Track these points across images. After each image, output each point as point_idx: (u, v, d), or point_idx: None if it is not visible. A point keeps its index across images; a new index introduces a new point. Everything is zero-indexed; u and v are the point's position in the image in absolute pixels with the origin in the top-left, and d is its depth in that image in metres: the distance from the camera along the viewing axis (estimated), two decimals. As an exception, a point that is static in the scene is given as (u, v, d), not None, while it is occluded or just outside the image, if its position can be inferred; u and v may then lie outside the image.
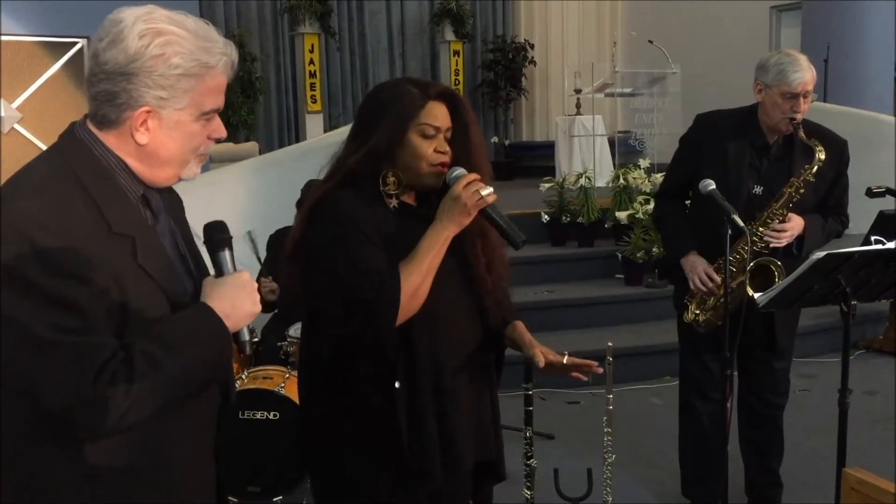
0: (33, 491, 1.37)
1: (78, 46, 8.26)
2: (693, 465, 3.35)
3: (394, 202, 1.89)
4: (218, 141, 1.50)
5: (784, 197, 2.89)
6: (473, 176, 1.86)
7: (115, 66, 1.35)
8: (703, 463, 3.25)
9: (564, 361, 2.09)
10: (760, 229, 2.90)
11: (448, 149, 1.90)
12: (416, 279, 1.79)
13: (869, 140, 7.45)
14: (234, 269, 1.47)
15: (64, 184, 1.35)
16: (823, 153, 2.86)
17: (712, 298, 3.00)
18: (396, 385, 1.84)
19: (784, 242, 2.90)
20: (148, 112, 1.38)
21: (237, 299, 1.43)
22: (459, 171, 1.88)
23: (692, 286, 3.02)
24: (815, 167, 2.86)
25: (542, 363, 2.03)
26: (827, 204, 3.04)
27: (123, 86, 1.35)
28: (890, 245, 2.44)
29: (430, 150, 1.88)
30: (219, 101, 1.44)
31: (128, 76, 1.35)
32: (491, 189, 1.85)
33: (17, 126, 8.00)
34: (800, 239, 2.93)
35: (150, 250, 1.40)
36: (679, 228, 3.13)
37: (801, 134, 2.87)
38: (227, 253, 1.47)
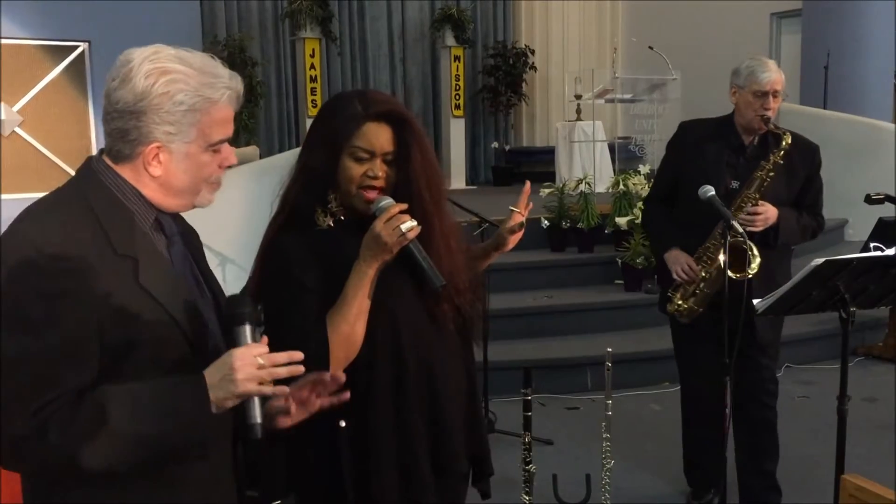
0: (51, 489, 1.40)
1: (79, 50, 8.28)
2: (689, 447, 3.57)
3: (328, 221, 1.85)
4: (229, 167, 1.54)
5: (756, 182, 3.09)
6: (396, 209, 1.74)
7: (125, 105, 1.41)
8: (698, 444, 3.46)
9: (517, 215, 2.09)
10: (738, 215, 3.07)
11: (381, 174, 1.80)
12: (345, 327, 1.75)
13: (868, 147, 7.46)
14: (249, 342, 1.43)
15: (70, 209, 1.41)
16: (790, 138, 3.09)
17: (692, 286, 3.19)
18: (342, 424, 1.78)
19: (759, 227, 3.07)
20: (159, 147, 1.43)
21: (227, 371, 1.37)
22: (386, 201, 1.77)
23: (674, 276, 3.21)
24: (782, 151, 3.08)
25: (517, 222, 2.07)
26: (803, 203, 3.26)
27: (134, 123, 1.41)
28: (888, 252, 2.45)
29: (360, 173, 1.80)
30: (226, 132, 1.49)
31: (137, 114, 1.41)
32: (413, 223, 1.74)
33: (17, 129, 8.01)
34: (775, 230, 3.12)
35: (154, 271, 1.43)
36: (663, 228, 3.37)
37: (771, 126, 3.13)
38: (243, 328, 1.42)
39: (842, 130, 7.41)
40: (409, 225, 1.73)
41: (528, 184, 2.16)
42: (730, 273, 2.91)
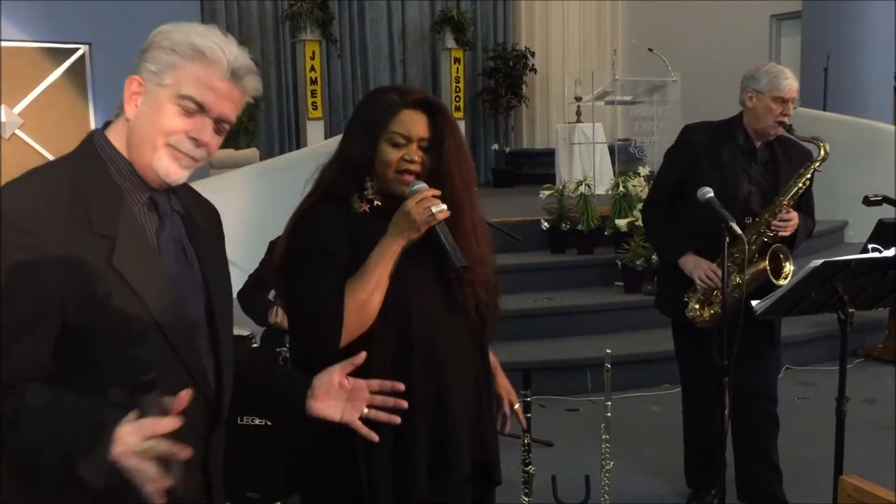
0: (24, 489, 1.37)
1: (79, 52, 8.29)
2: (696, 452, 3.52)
3: (364, 206, 1.90)
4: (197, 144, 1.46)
5: (792, 190, 3.14)
6: (430, 193, 1.81)
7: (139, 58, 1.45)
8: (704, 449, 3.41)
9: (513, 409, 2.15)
10: (772, 220, 3.12)
11: (417, 158, 1.87)
12: (362, 295, 1.80)
13: (868, 148, 7.46)
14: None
15: (52, 181, 1.38)
16: (828, 146, 3.14)
17: (716, 292, 3.14)
18: None
19: (789, 232, 3.14)
20: (140, 84, 1.42)
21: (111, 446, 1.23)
22: (420, 185, 1.84)
23: (697, 282, 3.19)
24: (819, 162, 3.14)
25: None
26: (800, 206, 3.29)
27: (136, 63, 1.44)
28: (887, 253, 2.45)
29: (397, 158, 1.86)
30: (202, 96, 1.42)
31: (140, 54, 1.44)
32: (443, 207, 1.81)
33: (18, 131, 8.03)
34: (793, 234, 3.18)
35: (132, 254, 1.38)
36: (673, 232, 3.34)
37: (797, 133, 3.18)
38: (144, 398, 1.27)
39: (842, 132, 7.40)
40: (439, 207, 1.80)
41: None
42: (772, 279, 2.96)
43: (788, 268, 3.05)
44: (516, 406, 2.15)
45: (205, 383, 1.48)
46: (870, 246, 2.86)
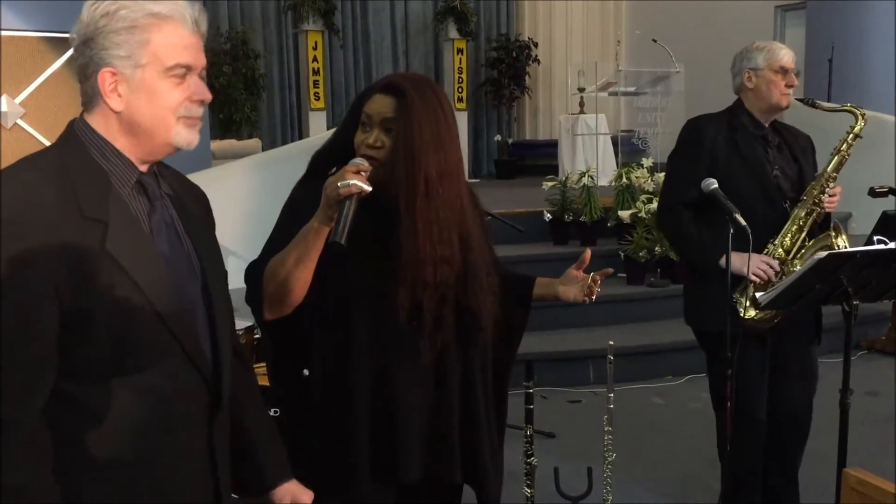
0: None
1: (81, 42, 8.28)
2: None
3: None
4: (202, 103, 1.44)
5: (833, 161, 3.03)
6: (352, 168, 1.73)
7: (77, 40, 1.38)
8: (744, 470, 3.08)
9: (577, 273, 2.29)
10: (821, 196, 2.99)
11: (380, 142, 1.83)
12: (281, 272, 1.79)
13: (872, 140, 7.39)
14: None
15: (40, 169, 1.36)
16: (864, 111, 3.09)
17: (774, 283, 2.89)
18: (305, 373, 1.91)
19: (834, 205, 3.03)
20: (114, 74, 1.38)
21: None
22: (354, 160, 1.78)
23: (752, 277, 2.89)
24: (858, 127, 3.09)
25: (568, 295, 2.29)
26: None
27: (87, 54, 1.38)
28: (892, 245, 2.44)
29: (361, 140, 1.85)
30: (185, 57, 1.39)
31: (86, 43, 1.37)
32: (354, 182, 1.68)
33: (19, 121, 8.01)
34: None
35: (126, 239, 1.37)
36: (707, 235, 2.98)
37: (823, 105, 3.16)
38: None
39: (844, 123, 7.37)
40: (347, 182, 1.69)
41: (588, 252, 2.23)
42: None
43: (842, 244, 2.84)
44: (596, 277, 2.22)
45: (204, 365, 1.48)
46: (875, 238, 2.82)
